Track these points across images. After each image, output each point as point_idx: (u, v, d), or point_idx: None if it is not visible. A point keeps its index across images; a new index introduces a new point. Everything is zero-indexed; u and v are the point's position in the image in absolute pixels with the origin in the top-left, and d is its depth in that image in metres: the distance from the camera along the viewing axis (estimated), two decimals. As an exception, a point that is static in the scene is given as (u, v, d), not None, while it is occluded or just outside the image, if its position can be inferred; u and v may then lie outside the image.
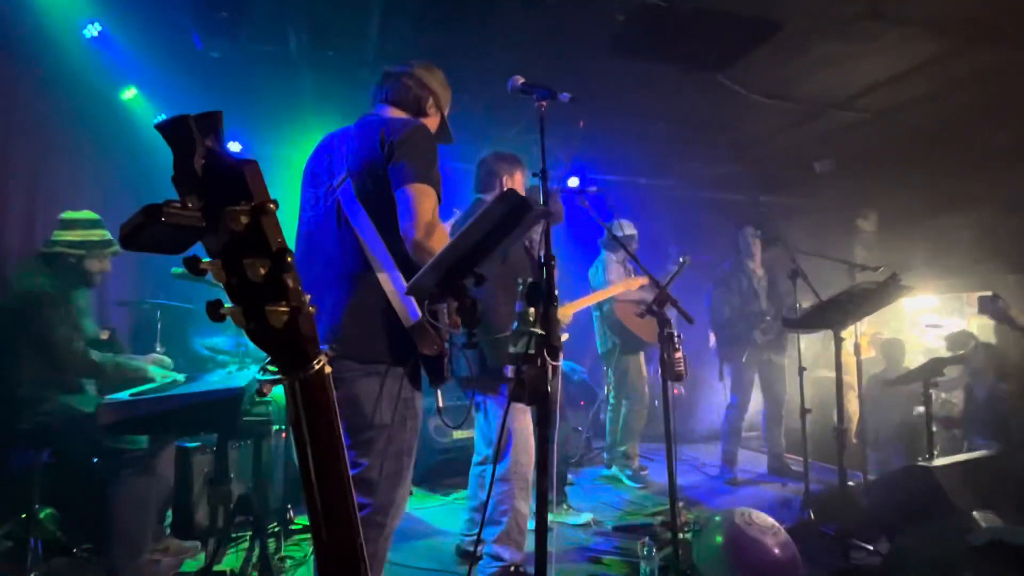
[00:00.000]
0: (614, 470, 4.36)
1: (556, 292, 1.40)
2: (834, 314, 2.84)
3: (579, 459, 4.80)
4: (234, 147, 5.02)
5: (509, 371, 1.39)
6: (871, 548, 2.78)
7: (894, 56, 4.36)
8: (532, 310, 1.41)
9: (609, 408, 4.55)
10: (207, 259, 0.58)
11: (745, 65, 4.40)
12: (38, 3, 3.07)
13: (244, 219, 0.53)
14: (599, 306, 4.33)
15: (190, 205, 0.52)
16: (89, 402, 2.60)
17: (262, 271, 0.55)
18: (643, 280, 4.13)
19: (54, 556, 2.67)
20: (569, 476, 4.32)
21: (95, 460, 2.62)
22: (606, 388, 5.14)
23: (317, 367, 0.61)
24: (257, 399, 2.75)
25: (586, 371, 5.44)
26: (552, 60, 4.15)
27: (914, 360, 5.22)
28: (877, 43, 4.18)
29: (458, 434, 4.22)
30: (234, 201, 0.53)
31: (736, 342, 4.35)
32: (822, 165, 5.60)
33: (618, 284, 4.06)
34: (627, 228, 4.33)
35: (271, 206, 0.54)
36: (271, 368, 0.62)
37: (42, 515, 2.62)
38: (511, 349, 1.44)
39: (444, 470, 4.10)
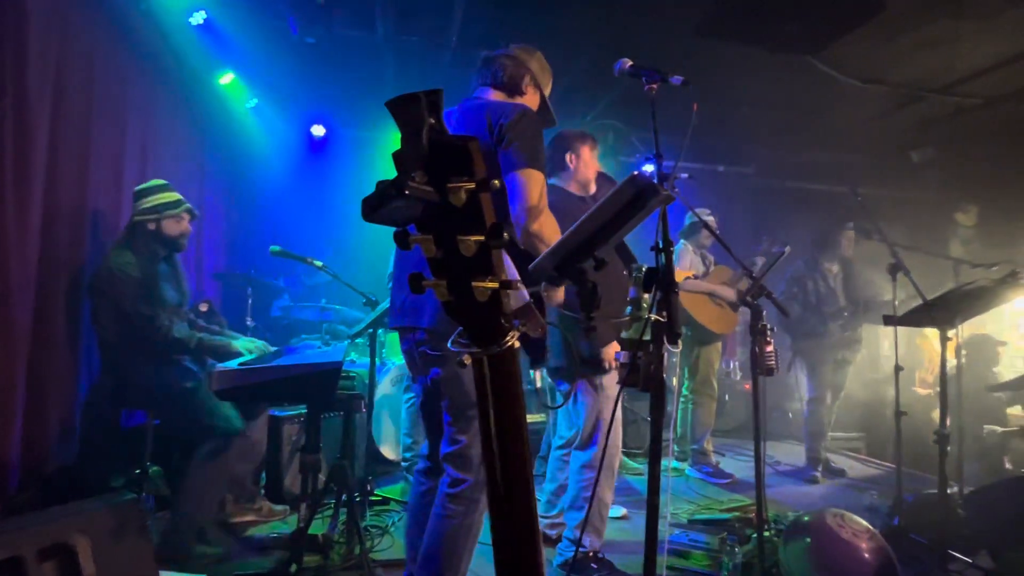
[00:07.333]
0: (688, 470, 4.23)
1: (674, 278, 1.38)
2: (942, 312, 2.67)
3: (645, 449, 4.75)
4: (318, 130, 5.17)
5: (622, 356, 1.38)
6: (971, 561, 2.63)
7: (1010, 37, 4.03)
8: (646, 296, 1.40)
9: (681, 399, 4.47)
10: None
11: (841, 46, 4.18)
12: (152, -9, 3.25)
13: (464, 194, 0.55)
14: None
15: (418, 180, 0.54)
16: (188, 376, 2.69)
17: (474, 246, 0.56)
18: (730, 294, 4.04)
19: (161, 509, 2.88)
20: (634, 465, 4.30)
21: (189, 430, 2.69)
22: (675, 379, 5.04)
23: (510, 342, 0.62)
24: (343, 374, 2.82)
25: None
26: (633, 41, 4.06)
27: (1012, 365, 4.87)
28: (993, 22, 3.88)
29: (529, 417, 4.26)
30: (454, 177, 0.55)
31: (812, 335, 4.21)
32: (920, 154, 5.24)
33: (709, 283, 4.02)
34: (706, 216, 4.22)
35: (495, 183, 0.55)
36: (461, 340, 0.64)
37: (151, 472, 2.81)
38: (623, 334, 1.43)
39: (514, 452, 4.13)
